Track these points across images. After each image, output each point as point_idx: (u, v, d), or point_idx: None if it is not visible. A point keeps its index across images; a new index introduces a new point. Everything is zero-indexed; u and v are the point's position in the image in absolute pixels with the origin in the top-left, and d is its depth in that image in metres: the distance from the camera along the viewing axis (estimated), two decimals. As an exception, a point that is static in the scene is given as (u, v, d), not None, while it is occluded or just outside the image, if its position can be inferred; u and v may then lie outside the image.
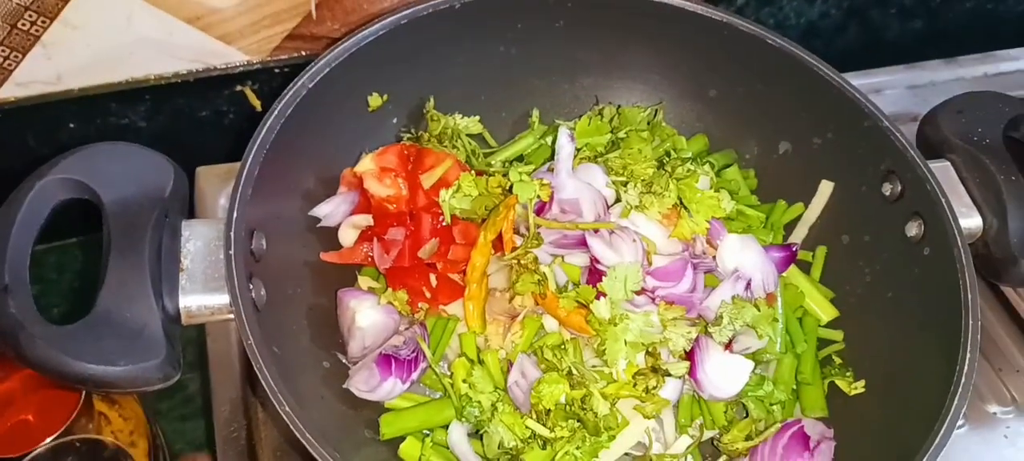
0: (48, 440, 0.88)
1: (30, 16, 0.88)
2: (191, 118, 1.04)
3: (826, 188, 0.83)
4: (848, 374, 0.76)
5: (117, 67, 0.97)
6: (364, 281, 0.78)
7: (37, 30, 0.89)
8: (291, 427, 0.59)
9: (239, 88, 1.03)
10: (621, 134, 0.84)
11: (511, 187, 0.72)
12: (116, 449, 0.90)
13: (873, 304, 0.77)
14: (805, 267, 0.82)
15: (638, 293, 0.70)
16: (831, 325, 0.80)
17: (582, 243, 0.73)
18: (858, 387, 0.75)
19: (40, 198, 0.63)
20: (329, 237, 0.79)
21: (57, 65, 0.94)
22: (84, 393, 0.92)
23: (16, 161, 1.00)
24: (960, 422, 0.87)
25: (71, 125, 0.99)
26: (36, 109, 0.96)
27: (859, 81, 1.04)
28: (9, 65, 0.92)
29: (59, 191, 0.64)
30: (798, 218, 0.84)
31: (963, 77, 1.09)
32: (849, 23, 1.20)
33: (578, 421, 0.67)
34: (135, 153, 0.67)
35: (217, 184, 0.93)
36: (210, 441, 0.96)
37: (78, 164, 0.65)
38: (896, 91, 1.07)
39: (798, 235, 0.84)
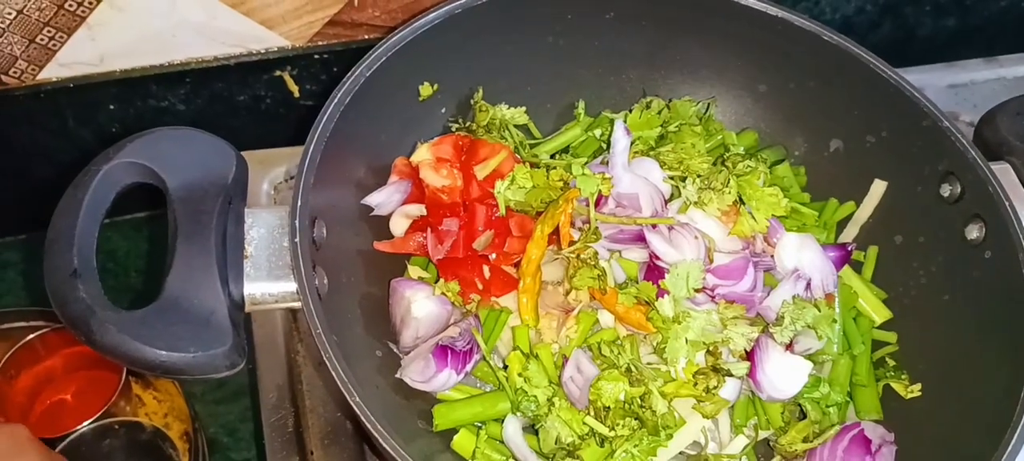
0: (87, 422, 0.88)
1: (79, -4, 0.88)
2: (229, 102, 1.03)
3: (879, 187, 0.82)
4: (903, 377, 0.76)
5: (159, 50, 0.96)
6: (414, 270, 0.78)
7: (84, 11, 0.89)
8: (360, 417, 0.58)
9: (278, 73, 1.02)
10: (672, 128, 0.83)
11: (569, 181, 0.71)
12: (154, 430, 0.90)
13: (928, 306, 0.77)
14: (857, 267, 0.82)
15: (698, 291, 0.70)
16: (884, 327, 0.79)
17: (639, 239, 0.72)
18: (914, 390, 0.75)
19: (106, 182, 0.62)
20: (380, 226, 0.78)
21: (100, 46, 0.94)
22: (124, 376, 0.92)
23: (56, 141, 1.00)
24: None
25: (111, 107, 0.99)
26: (78, 90, 0.95)
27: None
28: (54, 45, 0.91)
29: (124, 175, 0.63)
30: (849, 217, 0.84)
31: (1004, 77, 1.08)
32: (883, 19, 1.19)
33: (637, 420, 0.67)
34: (198, 138, 0.66)
35: (258, 169, 0.92)
36: (256, 428, 0.95)
37: (143, 148, 0.64)
38: (935, 90, 1.07)
39: (849, 234, 0.83)
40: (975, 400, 0.68)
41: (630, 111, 0.84)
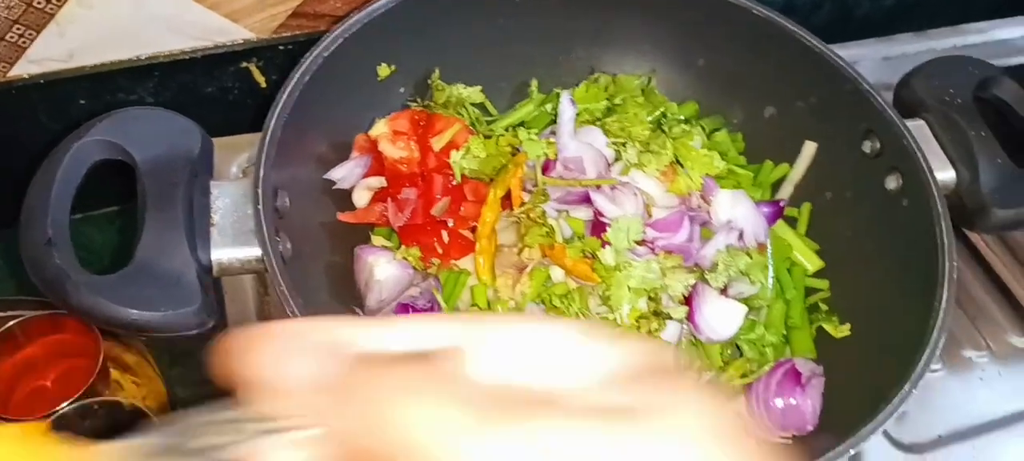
0: (67, 402, 0.91)
1: (47, -7, 0.91)
2: (197, 94, 1.07)
3: (809, 148, 0.88)
4: (834, 318, 0.81)
5: (127, 44, 1.00)
6: (378, 239, 0.82)
7: (53, 8, 0.92)
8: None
9: (244, 65, 1.06)
10: (617, 101, 0.88)
11: (518, 148, 0.76)
12: (134, 409, 0.94)
13: (856, 254, 0.83)
14: (792, 223, 0.88)
15: (639, 244, 0.75)
16: (818, 275, 0.85)
17: (585, 199, 0.77)
18: (843, 330, 0.80)
19: (77, 158, 0.67)
20: (343, 199, 0.83)
21: (69, 42, 0.97)
22: (101, 361, 0.96)
23: (28, 136, 1.03)
24: (938, 365, 0.94)
25: (82, 102, 1.02)
26: (49, 85, 0.99)
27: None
28: (24, 43, 0.95)
29: (94, 152, 0.68)
30: (784, 177, 0.89)
31: (934, 48, 1.15)
32: (824, 1, 1.26)
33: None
34: (164, 117, 0.71)
35: (226, 153, 0.97)
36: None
37: (112, 127, 0.68)
38: (871, 62, 1.13)
39: (784, 193, 0.89)
40: (894, 331, 0.73)
41: (577, 86, 0.89)
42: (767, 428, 0.73)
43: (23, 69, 0.98)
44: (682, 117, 0.87)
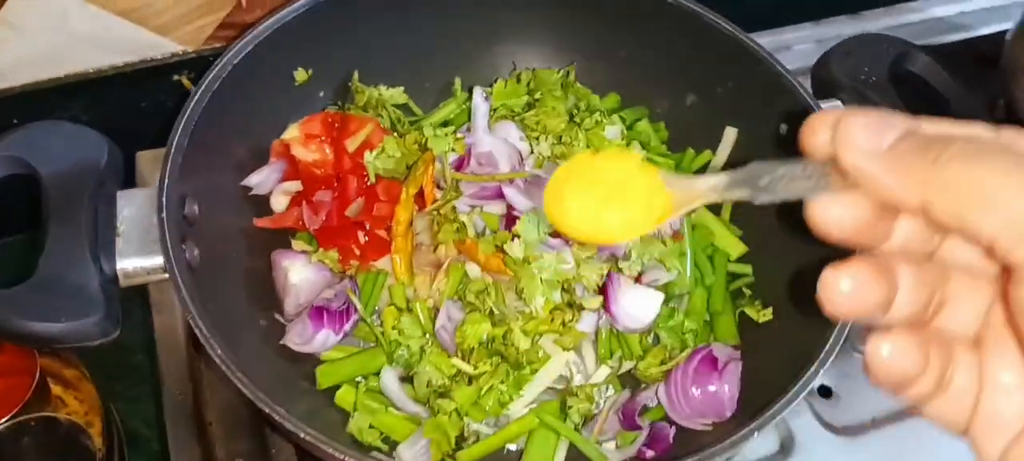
0: (3, 420, 0.91)
1: (-32, 16, 0.92)
2: (131, 108, 1.07)
3: (730, 134, 0.88)
4: (756, 303, 0.82)
5: (57, 62, 1.00)
6: (298, 245, 0.82)
7: (-23, 28, 0.93)
8: (224, 370, 0.63)
9: (176, 77, 1.07)
10: (537, 96, 0.89)
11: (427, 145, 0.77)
12: (71, 425, 0.94)
13: (776, 237, 0.83)
14: (716, 210, 0.88)
15: (553, 236, 0.75)
16: (742, 260, 0.85)
17: (500, 194, 0.78)
18: (766, 314, 0.80)
19: (-21, 174, 0.67)
20: (262, 205, 0.83)
21: (0, 62, 0.98)
22: (37, 377, 0.96)
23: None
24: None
25: (15, 121, 1.02)
26: (-21, 106, 0.99)
27: (768, 39, 1.11)
28: (-49, 65, 0.95)
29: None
30: (707, 164, 0.90)
31: (867, 29, 1.15)
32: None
33: (500, 357, 0.72)
34: (71, 131, 0.71)
35: (156, 166, 0.97)
36: (157, 406, 0.99)
37: (17, 142, 0.69)
38: (804, 47, 1.13)
39: (707, 180, 0.89)
40: (809, 312, 0.73)
41: (495, 82, 0.90)
42: (687, 417, 0.73)
43: (-46, 90, 0.98)
44: (598, 108, 0.87)
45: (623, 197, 0.43)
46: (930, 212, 0.33)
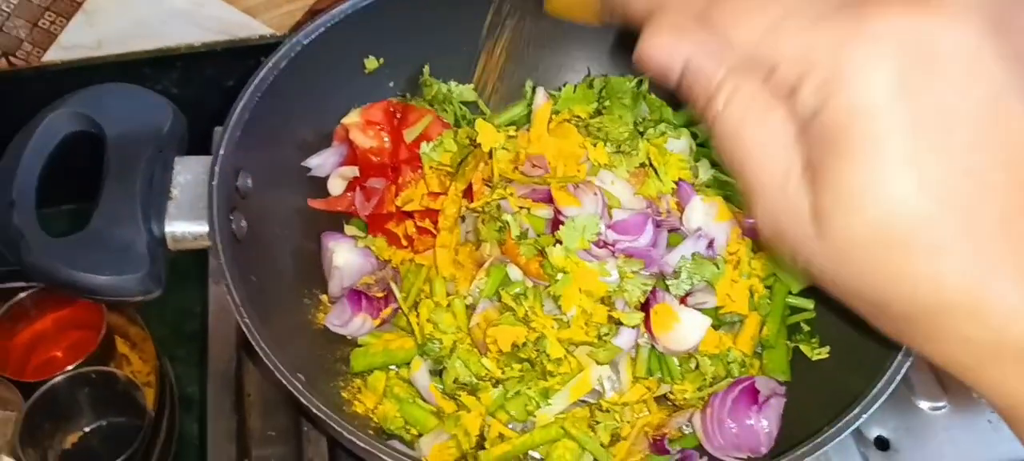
0: (60, 373, 0.96)
1: (71, -18, 0.97)
2: (218, 86, 1.11)
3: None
4: (813, 340, 0.77)
5: (151, 36, 1.05)
6: (351, 230, 0.83)
7: (79, -4, 0.98)
8: (249, 338, 0.64)
9: (263, 59, 1.10)
10: (606, 103, 0.86)
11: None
12: (128, 382, 0.98)
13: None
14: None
15: (600, 246, 0.73)
16: (803, 295, 0.80)
17: (549, 198, 0.76)
18: (822, 353, 0.76)
19: (50, 129, 0.70)
20: (321, 186, 0.84)
21: (98, 31, 1.03)
22: (104, 333, 1.00)
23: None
24: (941, 402, 0.87)
25: (108, 89, 1.08)
26: (78, 71, 1.05)
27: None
28: (55, 29, 1.01)
29: (67, 124, 0.71)
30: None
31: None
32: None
33: (529, 363, 0.70)
34: (137, 93, 0.74)
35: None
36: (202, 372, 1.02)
37: (86, 101, 0.72)
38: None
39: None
40: (862, 351, 0.69)
41: (564, 85, 0.88)
42: (719, 447, 0.70)
43: (55, 55, 1.04)
44: (668, 120, 0.84)
45: None
46: None
